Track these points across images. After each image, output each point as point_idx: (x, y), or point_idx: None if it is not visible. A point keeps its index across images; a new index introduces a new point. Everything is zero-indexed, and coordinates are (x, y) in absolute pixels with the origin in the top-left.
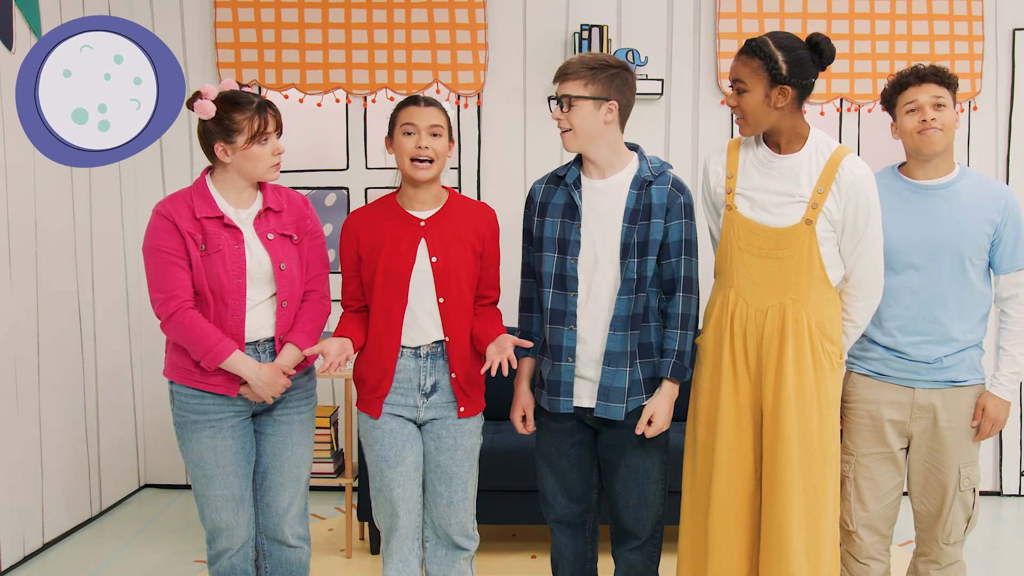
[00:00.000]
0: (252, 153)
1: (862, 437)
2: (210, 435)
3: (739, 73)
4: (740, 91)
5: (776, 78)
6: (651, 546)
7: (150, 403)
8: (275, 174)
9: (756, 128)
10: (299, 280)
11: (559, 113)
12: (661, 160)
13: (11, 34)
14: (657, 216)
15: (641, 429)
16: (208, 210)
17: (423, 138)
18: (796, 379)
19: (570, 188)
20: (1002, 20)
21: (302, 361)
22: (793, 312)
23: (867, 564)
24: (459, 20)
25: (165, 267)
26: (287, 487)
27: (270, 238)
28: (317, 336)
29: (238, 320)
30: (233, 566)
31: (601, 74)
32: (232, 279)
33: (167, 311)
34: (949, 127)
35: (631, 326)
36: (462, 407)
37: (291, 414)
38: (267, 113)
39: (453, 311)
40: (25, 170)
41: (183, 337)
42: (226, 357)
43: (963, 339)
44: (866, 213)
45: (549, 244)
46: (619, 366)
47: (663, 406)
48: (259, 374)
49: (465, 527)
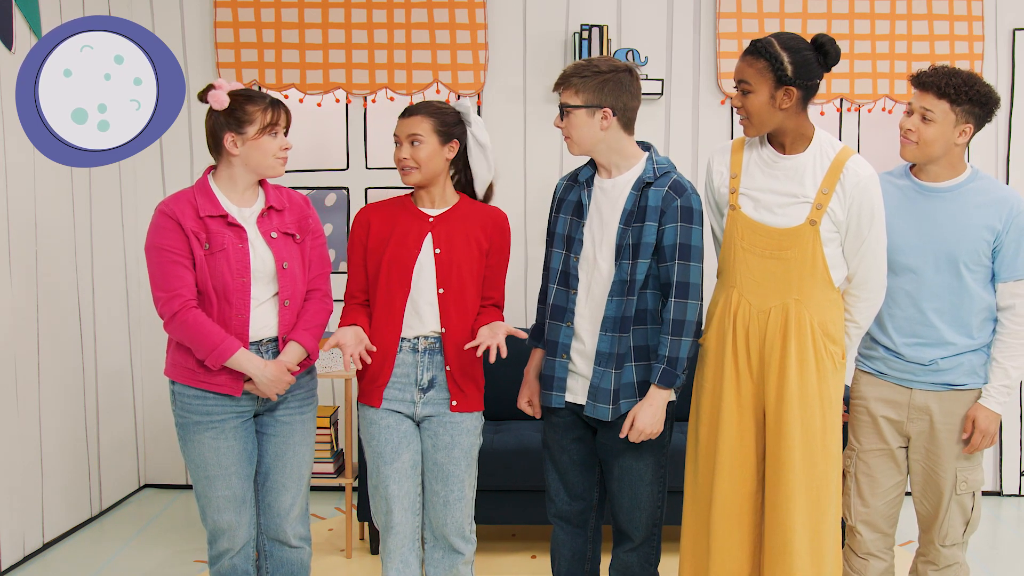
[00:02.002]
0: (262, 144)
1: (863, 433)
2: (212, 436)
3: (744, 74)
4: (745, 92)
5: (781, 79)
6: (647, 548)
7: (150, 403)
8: (280, 169)
9: (761, 129)
10: (301, 279)
11: (559, 122)
12: (669, 161)
13: (11, 34)
14: (651, 219)
15: (625, 432)
16: (212, 209)
17: (404, 148)
18: (799, 379)
19: (581, 187)
20: (1002, 20)
21: (304, 360)
22: (796, 313)
23: (866, 560)
24: (459, 20)
25: (168, 266)
26: (289, 487)
27: (273, 236)
28: (320, 335)
29: (242, 319)
30: (234, 567)
31: (591, 81)
32: (236, 277)
33: (171, 310)
34: (928, 143)
35: (621, 328)
36: (454, 401)
37: (293, 414)
38: (280, 108)
39: (452, 303)
40: (25, 170)
41: (187, 336)
42: (231, 355)
43: (960, 343)
44: (870, 214)
45: (559, 241)
46: (607, 367)
47: (647, 411)
48: (264, 371)
49: (462, 528)
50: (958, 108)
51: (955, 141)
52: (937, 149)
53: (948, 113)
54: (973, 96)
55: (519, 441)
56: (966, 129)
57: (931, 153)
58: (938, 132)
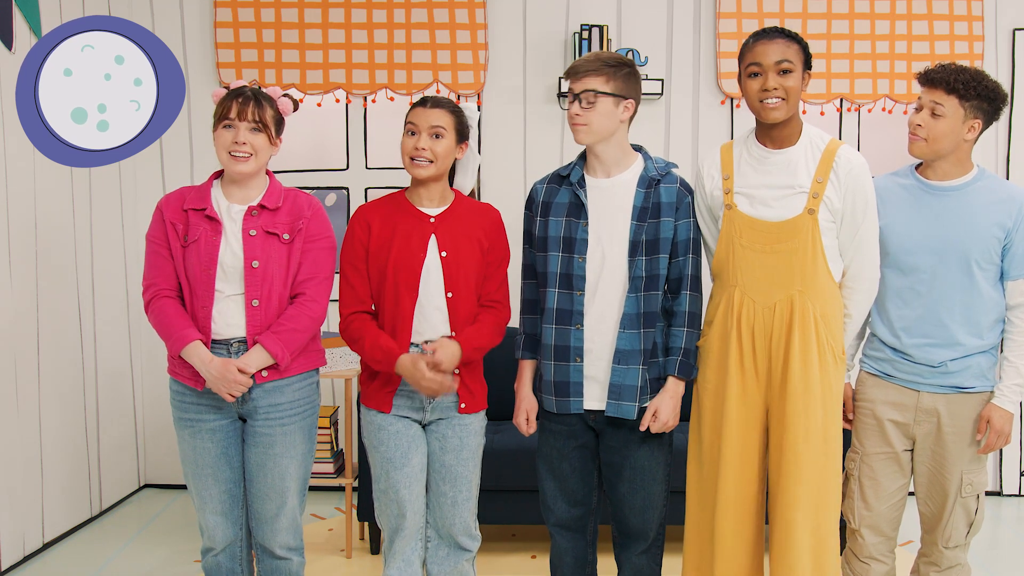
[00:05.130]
0: (216, 137)
1: (867, 436)
2: (190, 435)
3: (787, 54)
4: (786, 71)
5: (808, 63)
6: (656, 548)
7: (150, 403)
8: (233, 165)
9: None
10: (280, 280)
11: (578, 108)
12: (665, 160)
13: (11, 34)
14: (667, 215)
15: (646, 424)
16: (196, 203)
17: (423, 139)
18: (802, 372)
19: (575, 187)
20: (1002, 20)
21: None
22: (800, 304)
23: (867, 563)
24: (459, 20)
25: (152, 257)
26: (271, 497)
27: (252, 234)
28: (292, 340)
29: (206, 312)
30: (218, 564)
31: (620, 72)
32: (203, 269)
33: (146, 299)
34: (937, 138)
35: (643, 324)
36: (463, 403)
37: (273, 425)
38: (233, 101)
39: (461, 306)
40: (25, 170)
41: (155, 324)
42: (184, 345)
43: (969, 344)
44: (864, 201)
45: (554, 243)
46: (631, 364)
47: (668, 403)
48: (209, 367)
49: (468, 527)
50: (967, 103)
51: (964, 137)
52: (947, 145)
53: (958, 108)
54: (982, 92)
55: (519, 441)
56: (975, 125)
57: (940, 149)
58: (948, 127)
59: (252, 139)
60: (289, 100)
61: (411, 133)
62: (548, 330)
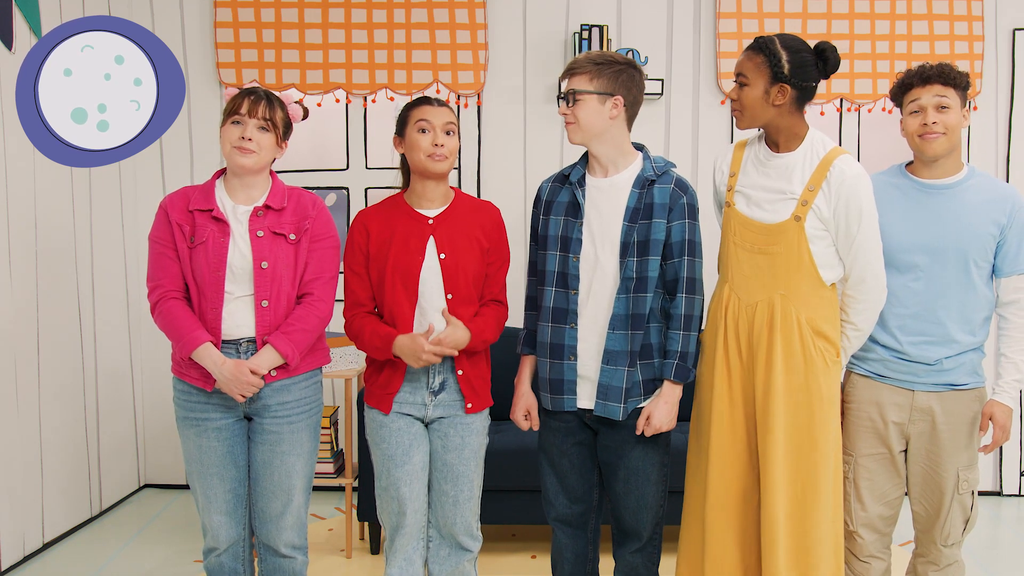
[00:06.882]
0: (224, 132)
1: (861, 438)
2: (195, 434)
3: (743, 67)
4: (742, 84)
5: (777, 76)
6: (651, 547)
7: (150, 403)
8: (240, 160)
9: (752, 122)
10: (288, 281)
11: (565, 108)
12: (666, 160)
13: (11, 34)
14: (659, 216)
15: (640, 429)
16: (201, 203)
17: (439, 135)
18: (785, 374)
19: (574, 187)
20: (1002, 20)
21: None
22: (782, 308)
23: (868, 562)
24: (459, 20)
25: (157, 258)
26: (277, 495)
27: (259, 235)
28: (301, 340)
29: (216, 313)
30: (221, 564)
31: (607, 69)
32: (212, 271)
33: (153, 300)
34: (953, 129)
35: (631, 325)
36: (469, 403)
37: (280, 423)
38: (246, 98)
39: (461, 307)
40: (25, 170)
41: (163, 325)
42: (195, 347)
43: (964, 341)
44: (857, 213)
45: (552, 242)
46: (618, 365)
47: (662, 407)
48: (222, 368)
49: (470, 526)
50: (962, 94)
51: (963, 126)
52: (958, 136)
53: (957, 99)
54: (965, 82)
55: (519, 441)
56: (967, 113)
57: (955, 140)
58: (956, 118)
59: (259, 137)
60: (300, 107)
61: (423, 131)
62: (544, 328)
